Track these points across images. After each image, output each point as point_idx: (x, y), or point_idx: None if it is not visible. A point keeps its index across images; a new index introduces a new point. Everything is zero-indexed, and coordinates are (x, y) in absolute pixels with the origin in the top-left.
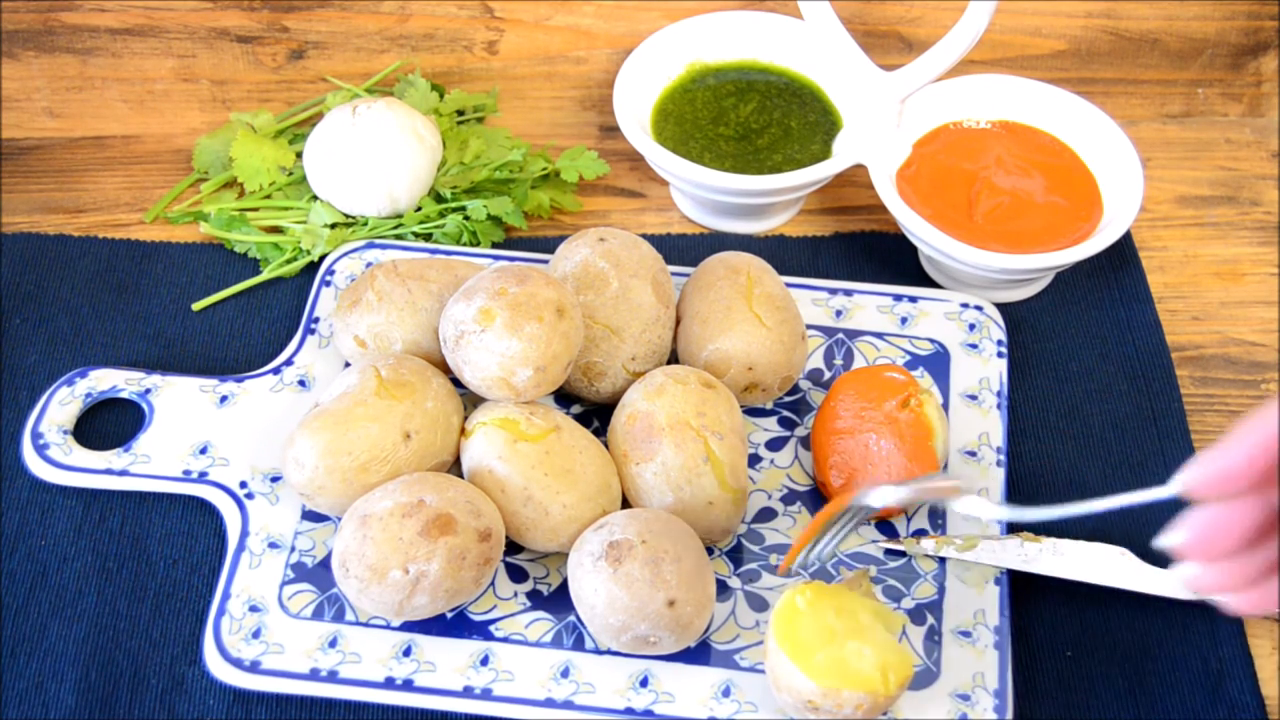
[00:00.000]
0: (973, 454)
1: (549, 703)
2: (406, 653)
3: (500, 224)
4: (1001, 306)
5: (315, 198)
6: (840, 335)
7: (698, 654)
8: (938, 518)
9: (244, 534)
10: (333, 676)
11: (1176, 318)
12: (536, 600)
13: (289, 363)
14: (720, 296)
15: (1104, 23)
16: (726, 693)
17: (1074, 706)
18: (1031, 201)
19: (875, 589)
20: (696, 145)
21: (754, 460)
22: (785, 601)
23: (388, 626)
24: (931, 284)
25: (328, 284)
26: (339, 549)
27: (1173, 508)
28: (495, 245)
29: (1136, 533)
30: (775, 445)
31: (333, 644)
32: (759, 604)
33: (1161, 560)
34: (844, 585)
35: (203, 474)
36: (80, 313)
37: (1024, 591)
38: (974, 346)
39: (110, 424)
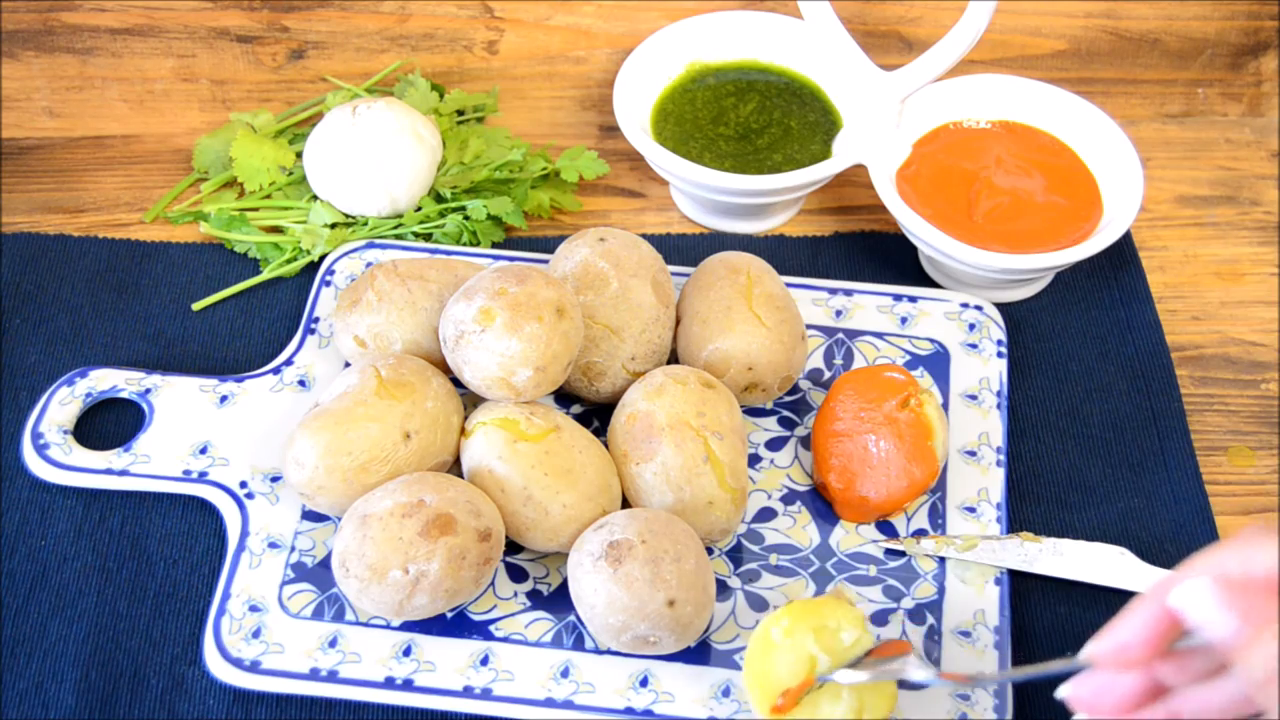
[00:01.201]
0: (973, 454)
1: (549, 703)
2: (406, 653)
3: (500, 224)
4: (1001, 306)
5: (315, 198)
6: (840, 335)
7: (698, 654)
8: (937, 518)
9: (244, 534)
10: (333, 676)
11: (1176, 318)
12: (536, 600)
13: (289, 363)
14: (720, 296)
15: (1104, 23)
16: (726, 693)
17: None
18: (1031, 201)
19: (859, 599)
20: (696, 145)
21: (754, 460)
22: (760, 634)
23: (388, 626)
24: (931, 284)
25: (328, 284)
26: (339, 549)
27: (1172, 509)
28: (495, 245)
29: (1136, 533)
30: (775, 445)
31: (333, 644)
32: (759, 604)
33: (1161, 560)
34: (830, 598)
35: (203, 474)
36: (80, 313)
37: (1024, 591)
38: (974, 346)
39: (110, 424)
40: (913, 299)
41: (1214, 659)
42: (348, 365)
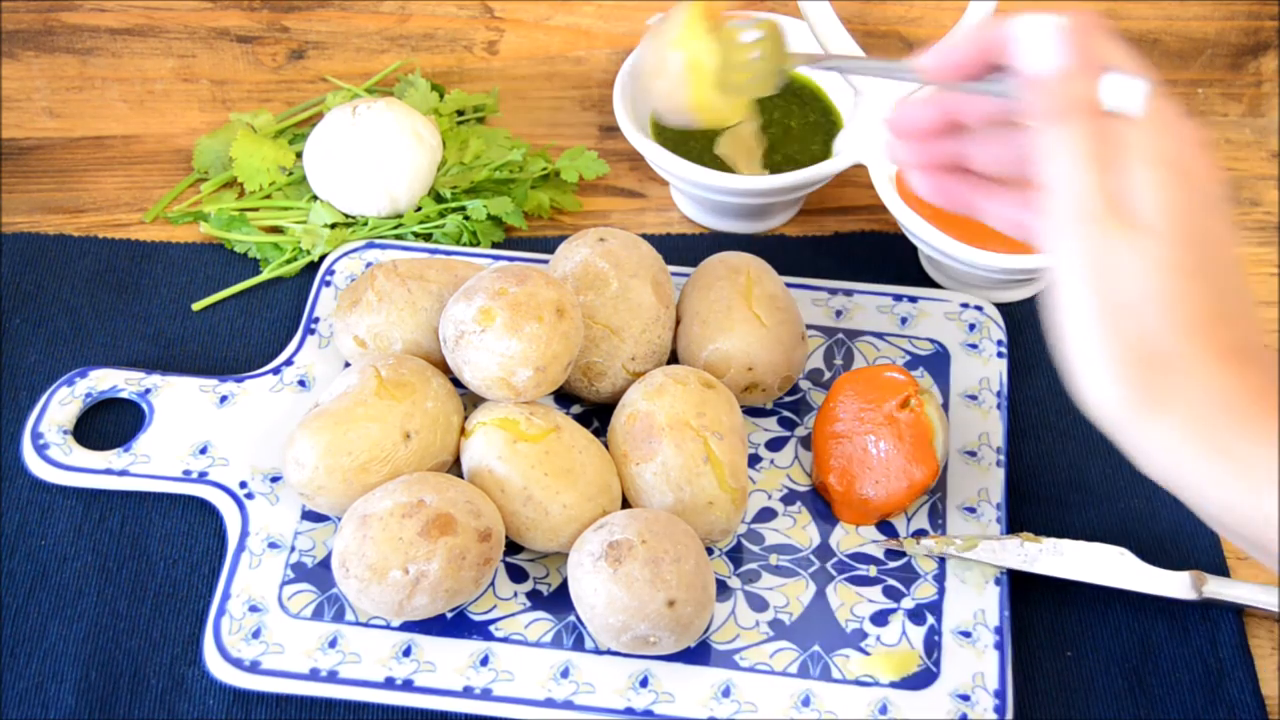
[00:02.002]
0: (973, 454)
1: (549, 703)
2: (406, 653)
3: (500, 224)
4: (1001, 306)
5: (315, 198)
6: (840, 335)
7: (698, 654)
8: (937, 518)
9: (244, 534)
10: (333, 676)
11: None
12: (536, 600)
13: (289, 363)
14: (720, 296)
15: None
16: (726, 693)
17: (1074, 706)
18: None
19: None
20: (696, 145)
21: (754, 460)
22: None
23: (388, 626)
24: (931, 284)
25: (328, 284)
26: (339, 549)
27: (1172, 509)
28: (495, 245)
29: (1136, 533)
30: (775, 445)
31: (333, 644)
32: (759, 604)
33: (1161, 560)
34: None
35: (203, 474)
36: (80, 313)
37: (1024, 591)
38: (974, 346)
39: (110, 424)
40: (913, 299)
41: (1009, 118)
42: (348, 365)
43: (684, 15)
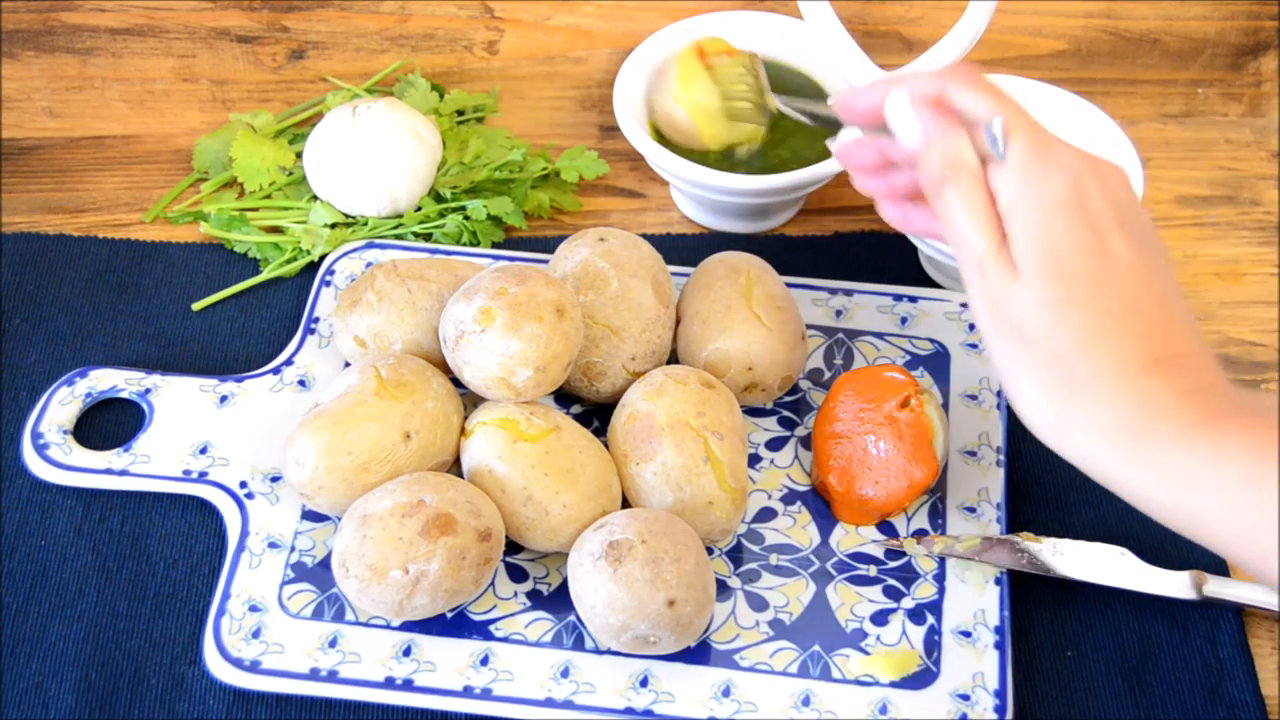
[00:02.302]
0: (973, 454)
1: (549, 703)
2: (406, 653)
3: (500, 224)
4: None
5: (315, 198)
6: (840, 335)
7: (698, 654)
8: (937, 518)
9: (244, 534)
10: (333, 676)
11: None
12: (536, 600)
13: (289, 363)
14: (720, 296)
15: (1104, 23)
16: (726, 693)
17: (1074, 706)
18: None
19: None
20: (696, 145)
21: (754, 460)
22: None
23: (388, 626)
24: (931, 284)
25: (328, 284)
26: (339, 549)
27: None
28: (495, 245)
29: (1136, 533)
30: (775, 445)
31: (333, 644)
32: (759, 604)
33: (1161, 560)
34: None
35: (203, 474)
36: (80, 313)
37: (1024, 591)
38: (974, 346)
39: (110, 424)
40: (913, 299)
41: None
42: (348, 365)
43: (676, 69)
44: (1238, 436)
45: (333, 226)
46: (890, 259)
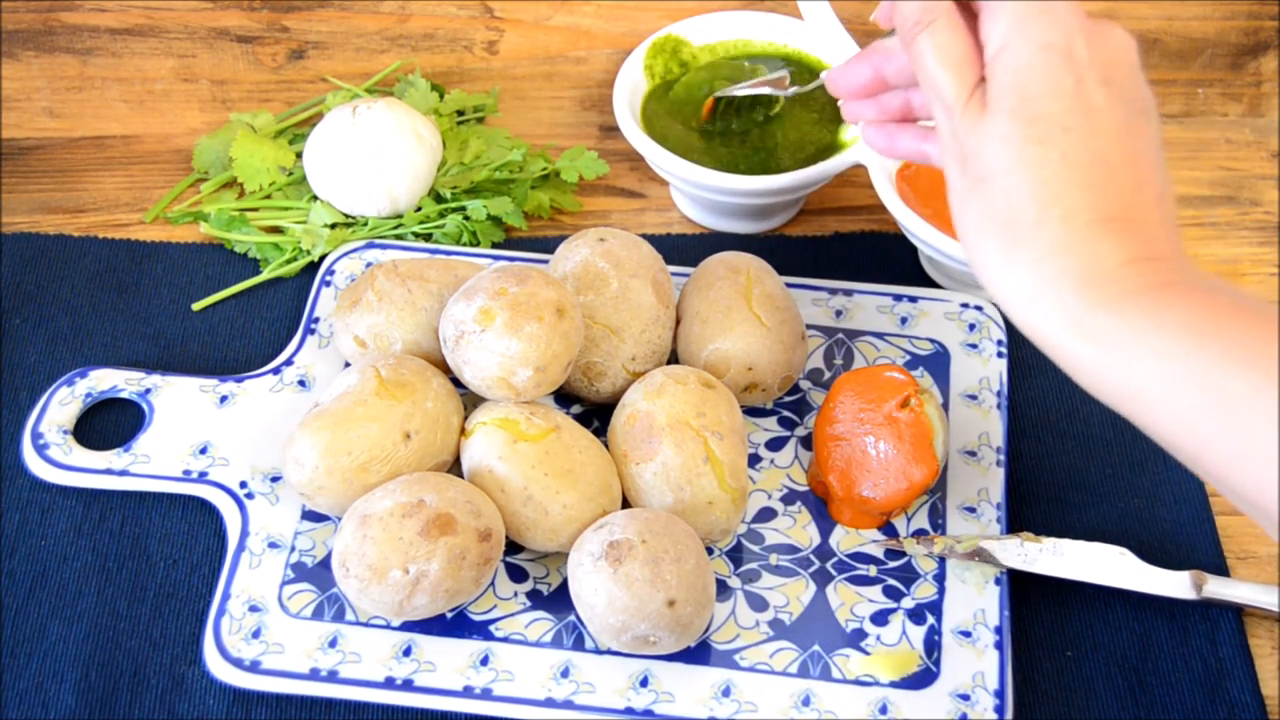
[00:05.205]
0: (973, 454)
1: (549, 703)
2: (406, 653)
3: (500, 224)
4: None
5: (315, 198)
6: (840, 335)
7: (698, 654)
8: (937, 518)
9: (244, 534)
10: (333, 676)
11: None
12: (536, 600)
13: (289, 363)
14: (720, 296)
15: None
16: (726, 693)
17: (1074, 706)
18: None
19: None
20: (696, 145)
21: (754, 460)
22: None
23: (388, 626)
24: (931, 284)
25: (328, 284)
26: (339, 549)
27: (1172, 509)
28: (495, 245)
29: (1136, 533)
30: (775, 445)
31: (333, 644)
32: (759, 604)
33: (1161, 560)
34: None
35: (203, 474)
36: (80, 313)
37: (1024, 591)
38: (974, 346)
39: (110, 424)
40: (913, 299)
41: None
42: (348, 365)
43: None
44: (1177, 308)
45: (333, 226)
46: (890, 259)
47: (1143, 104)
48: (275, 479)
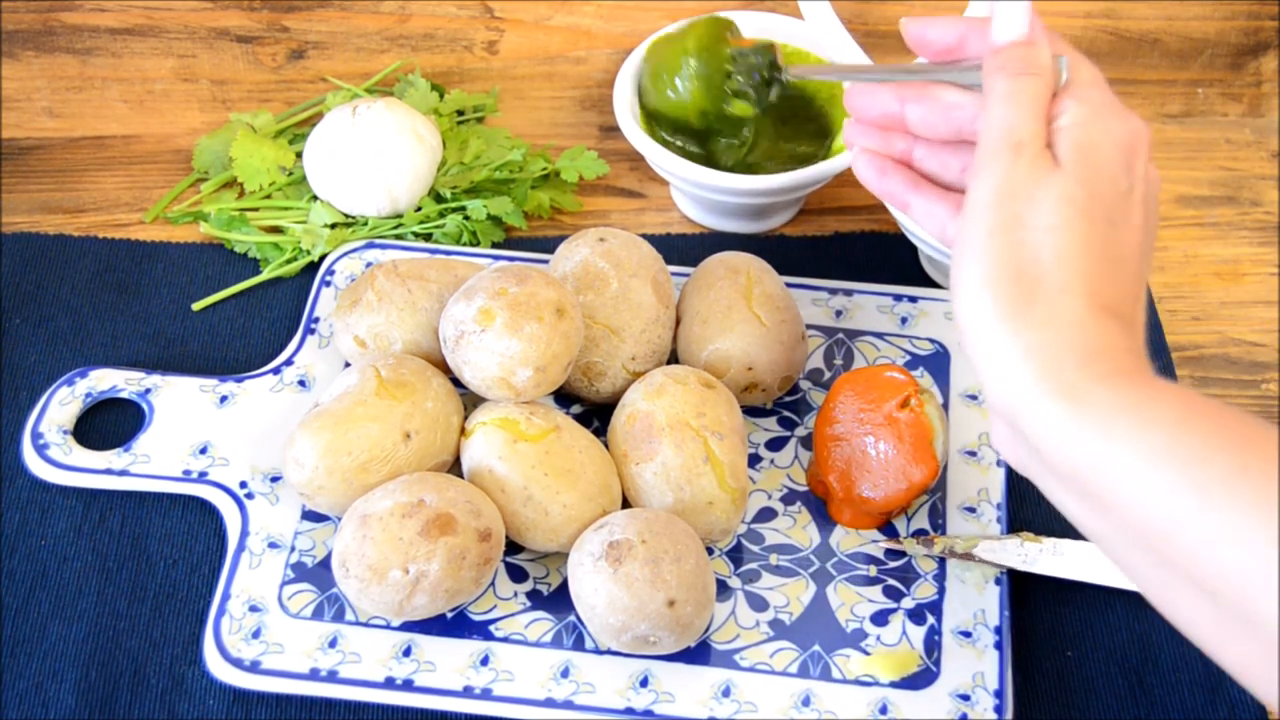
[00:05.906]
0: (973, 454)
1: (549, 703)
2: (406, 653)
3: (500, 224)
4: None
5: (315, 198)
6: (840, 335)
7: (698, 654)
8: (937, 518)
9: (244, 534)
10: (333, 676)
11: (1176, 318)
12: (536, 600)
13: (289, 363)
14: (720, 296)
15: (1104, 23)
16: (726, 693)
17: (1074, 706)
18: None
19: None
20: (695, 145)
21: (754, 460)
22: None
23: (388, 626)
24: (931, 284)
25: (328, 284)
26: (339, 549)
27: None
28: (495, 245)
29: None
30: (775, 445)
31: (333, 644)
32: (759, 604)
33: None
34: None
35: (203, 474)
36: (80, 313)
37: (1024, 591)
38: None
39: (110, 424)
40: (913, 299)
41: (959, 137)
42: (348, 365)
43: (696, 28)
44: (1168, 392)
45: (333, 226)
46: (890, 259)
47: (1155, 227)
48: (275, 479)
